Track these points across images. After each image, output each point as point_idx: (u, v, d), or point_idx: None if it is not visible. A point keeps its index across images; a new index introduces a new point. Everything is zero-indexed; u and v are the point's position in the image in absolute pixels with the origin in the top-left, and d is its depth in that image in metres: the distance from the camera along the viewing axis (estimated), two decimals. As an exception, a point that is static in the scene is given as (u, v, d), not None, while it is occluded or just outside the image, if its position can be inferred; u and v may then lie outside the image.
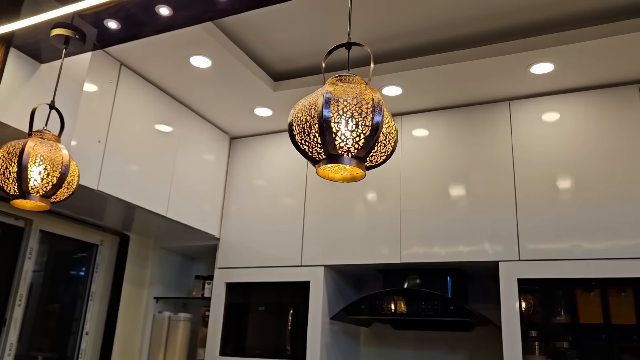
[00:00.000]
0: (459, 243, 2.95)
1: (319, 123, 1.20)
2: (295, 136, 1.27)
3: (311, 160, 1.27)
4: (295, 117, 1.27)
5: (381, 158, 1.29)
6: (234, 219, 3.62)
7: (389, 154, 1.30)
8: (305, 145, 1.25)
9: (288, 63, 3.09)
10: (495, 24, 2.65)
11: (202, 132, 3.53)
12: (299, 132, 1.25)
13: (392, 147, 1.30)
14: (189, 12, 1.75)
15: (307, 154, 1.26)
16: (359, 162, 1.24)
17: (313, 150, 1.24)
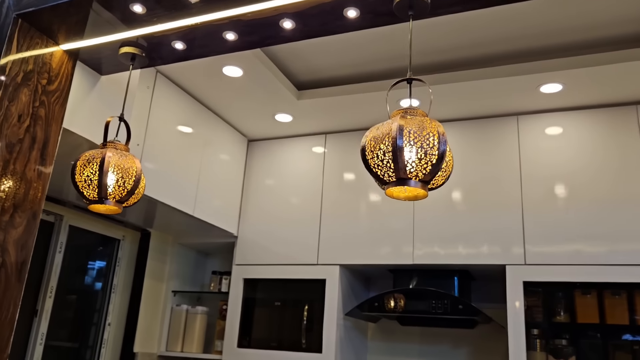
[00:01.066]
0: (468, 247, 3.18)
1: (392, 151, 1.41)
2: (368, 160, 1.47)
3: (381, 181, 1.48)
4: (368, 143, 1.47)
5: (441, 181, 1.50)
6: (252, 218, 3.81)
7: (447, 177, 1.51)
8: (378, 169, 1.45)
9: (313, 74, 3.28)
10: (510, 46, 2.88)
11: (222, 134, 3.70)
12: (372, 157, 1.45)
13: (450, 171, 1.51)
14: (253, 38, 1.93)
15: (378, 176, 1.46)
16: (423, 184, 1.44)
17: (385, 173, 1.44)
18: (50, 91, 2.03)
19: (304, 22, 1.82)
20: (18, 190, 1.88)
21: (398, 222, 3.38)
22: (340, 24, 1.82)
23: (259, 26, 1.86)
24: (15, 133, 1.88)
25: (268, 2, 1.73)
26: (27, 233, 1.90)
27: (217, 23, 1.86)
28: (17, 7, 1.92)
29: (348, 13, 1.75)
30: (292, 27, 1.84)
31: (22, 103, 1.91)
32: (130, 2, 1.80)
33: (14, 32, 1.91)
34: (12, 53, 1.90)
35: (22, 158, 1.90)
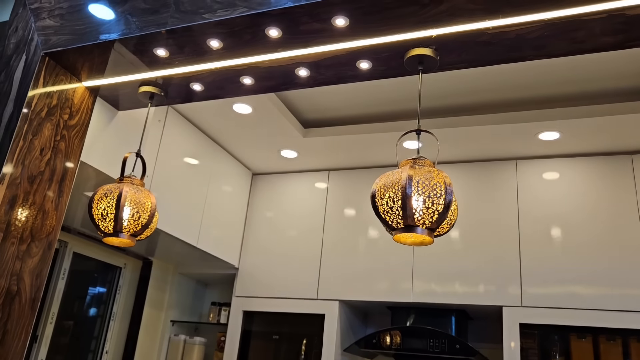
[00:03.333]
0: (466, 286, 3.24)
1: (402, 199, 1.48)
2: (378, 207, 1.54)
3: (389, 227, 1.55)
4: (378, 190, 1.55)
5: (446, 229, 1.57)
6: (253, 251, 3.86)
7: (452, 225, 1.58)
8: (387, 216, 1.53)
9: (319, 112, 3.38)
10: (511, 94, 2.99)
11: (227, 166, 3.78)
12: (381, 205, 1.53)
13: (455, 220, 1.58)
14: (269, 83, 2.03)
15: (387, 222, 1.54)
16: (430, 232, 1.52)
17: (393, 220, 1.52)
18: (71, 125, 2.11)
19: (318, 72, 1.92)
20: (36, 220, 1.94)
21: (397, 260, 3.44)
22: (352, 75, 1.92)
23: (275, 73, 1.96)
24: (37, 166, 1.95)
25: (286, 51, 1.83)
26: (42, 262, 1.95)
27: (235, 68, 1.96)
28: (45, 46, 2.02)
29: (361, 65, 1.85)
30: (306, 75, 1.94)
31: (44, 137, 1.99)
32: (154, 47, 1.90)
33: (41, 70, 2.00)
34: (38, 88, 1.99)
35: (41, 190, 1.97)
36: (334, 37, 1.73)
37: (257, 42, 1.80)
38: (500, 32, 1.62)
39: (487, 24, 1.58)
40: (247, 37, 1.78)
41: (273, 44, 1.80)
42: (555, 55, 1.71)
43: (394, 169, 1.60)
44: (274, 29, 1.72)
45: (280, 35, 1.74)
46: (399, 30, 1.66)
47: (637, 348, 2.90)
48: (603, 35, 1.60)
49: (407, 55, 1.73)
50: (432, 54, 1.70)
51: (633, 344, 2.93)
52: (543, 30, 1.59)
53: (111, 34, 1.90)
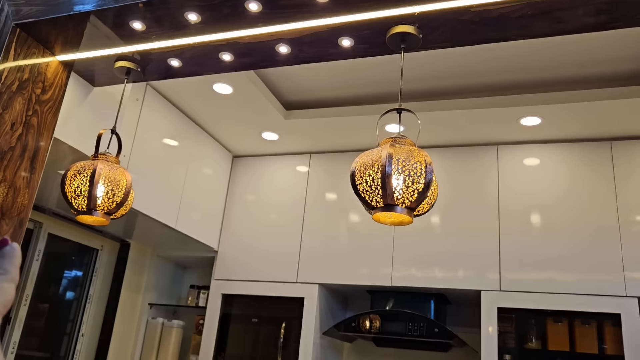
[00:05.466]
0: (445, 271, 3.25)
1: (381, 177, 1.46)
2: (357, 185, 1.52)
3: (369, 206, 1.53)
4: (358, 169, 1.53)
5: (426, 208, 1.56)
6: (233, 234, 3.83)
7: (432, 205, 1.57)
8: (366, 195, 1.50)
9: (301, 94, 3.34)
10: (494, 79, 2.98)
11: (207, 148, 3.73)
12: (361, 183, 1.51)
13: (435, 200, 1.57)
14: (248, 60, 1.98)
15: (366, 201, 1.52)
16: (409, 211, 1.50)
17: (373, 198, 1.50)
18: (43, 100, 2.04)
19: (299, 48, 1.88)
20: (6, 197, 1.88)
21: (377, 244, 3.44)
22: (334, 52, 1.88)
23: (255, 49, 1.91)
24: (8, 141, 1.89)
25: (266, 27, 1.79)
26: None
27: (214, 44, 1.91)
28: (16, 16, 1.94)
29: (343, 42, 1.82)
30: (287, 52, 1.90)
31: (15, 111, 1.93)
32: (130, 19, 1.84)
33: (12, 41, 1.93)
34: (8, 61, 1.92)
35: (12, 166, 1.91)
36: (315, 13, 1.69)
37: (236, 16, 1.75)
38: (483, 10, 1.59)
39: (471, 1, 1.55)
40: (226, 11, 1.73)
41: (253, 19, 1.75)
42: (538, 36, 1.69)
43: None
44: (253, 3, 1.67)
45: (260, 9, 1.70)
46: (381, 6, 1.63)
47: (611, 332, 2.94)
48: (586, 16, 1.59)
49: (390, 33, 1.70)
50: (415, 31, 1.67)
51: (607, 327, 2.97)
52: (526, 10, 1.57)
53: (86, 5, 1.83)
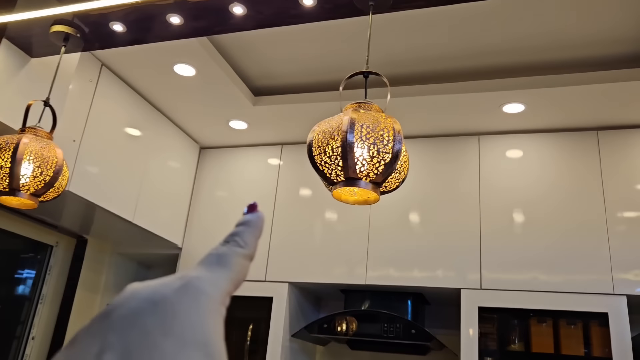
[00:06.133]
0: (424, 268, 3.04)
1: (342, 146, 1.25)
2: (314, 157, 1.30)
3: (328, 181, 1.31)
4: (316, 138, 1.31)
5: (395, 184, 1.34)
6: (199, 230, 3.59)
7: (402, 181, 1.35)
8: (325, 167, 1.29)
9: (271, 79, 3.12)
10: (475, 62, 2.79)
11: (173, 139, 3.49)
12: (319, 154, 1.29)
13: (405, 175, 1.36)
14: (200, 24, 1.76)
15: (325, 175, 1.30)
16: (375, 186, 1.29)
17: (332, 172, 1.28)
18: (-33, 68, 1.80)
19: (255, 9, 1.67)
20: None
21: (352, 241, 3.23)
22: (295, 13, 1.67)
23: (206, 10, 1.69)
24: None
25: (216, -19, 1.57)
26: None
27: (160, 3, 1.68)
28: None
29: (304, 1, 1.60)
30: (243, 13, 1.69)
31: None
32: (61, -28, 1.61)
33: None
34: None
35: None
36: (270, -37, 1.48)
37: (181, -32, 1.53)
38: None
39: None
40: (169, -39, 1.51)
41: (200, -29, 1.54)
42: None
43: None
44: (199, -51, 1.46)
45: (207, -42, 1.48)
46: (346, -46, 1.42)
47: (597, 332, 2.76)
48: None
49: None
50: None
51: (594, 328, 2.78)
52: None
53: (9, -45, 1.60)
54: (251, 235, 0.41)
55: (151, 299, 0.32)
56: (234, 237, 0.40)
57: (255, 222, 0.41)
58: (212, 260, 0.37)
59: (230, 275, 0.37)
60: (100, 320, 0.32)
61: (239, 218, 0.42)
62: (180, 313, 0.31)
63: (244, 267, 0.39)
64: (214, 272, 0.36)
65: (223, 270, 0.37)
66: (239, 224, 0.41)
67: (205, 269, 0.36)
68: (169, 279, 0.35)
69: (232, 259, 0.38)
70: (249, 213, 0.42)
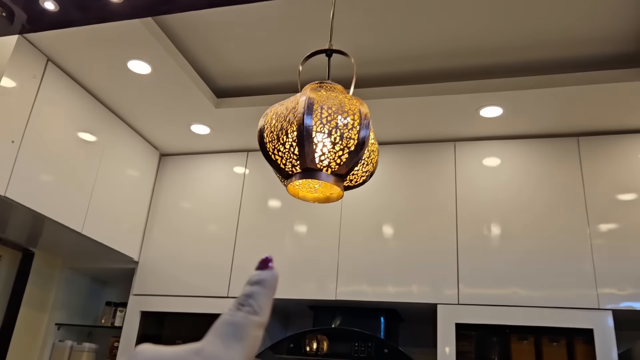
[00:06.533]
0: (398, 283, 2.84)
1: (298, 131, 1.04)
2: (266, 144, 1.10)
3: (283, 173, 1.11)
4: (268, 123, 1.11)
5: (361, 178, 1.14)
6: (157, 242, 3.33)
7: (370, 175, 1.16)
8: (278, 156, 1.08)
9: (235, 79, 2.92)
10: (451, 63, 2.63)
11: (130, 144, 3.25)
12: (271, 140, 1.09)
13: (374, 167, 1.16)
14: (143, 2, 1.55)
15: (278, 165, 1.09)
16: (338, 179, 1.08)
17: (287, 162, 1.08)
18: None
19: (206, -17, 1.47)
20: None
21: (322, 254, 3.01)
22: (251, -11, 1.47)
23: (149, -16, 1.48)
24: None
25: (158, -52, 1.37)
26: None
27: (96, -24, 1.47)
28: None
29: (260, -27, 1.41)
30: (191, -12, 1.48)
31: None
32: None
33: None
34: None
35: None
36: None
37: None
38: None
39: None
40: None
41: None
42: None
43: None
44: None
45: None
46: None
47: (582, 349, 2.58)
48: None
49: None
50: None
51: (578, 345, 2.61)
52: None
53: None
54: (266, 299, 0.39)
55: None
56: (249, 301, 0.38)
57: (270, 283, 0.40)
58: (229, 333, 0.36)
59: (245, 351, 0.35)
60: None
61: (252, 274, 0.40)
62: None
63: (258, 339, 0.37)
64: (229, 348, 0.35)
65: (239, 346, 0.35)
66: (254, 283, 0.39)
67: (221, 343, 0.35)
68: (184, 349, 0.33)
69: (248, 332, 0.36)
70: (262, 268, 0.40)
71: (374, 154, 1.15)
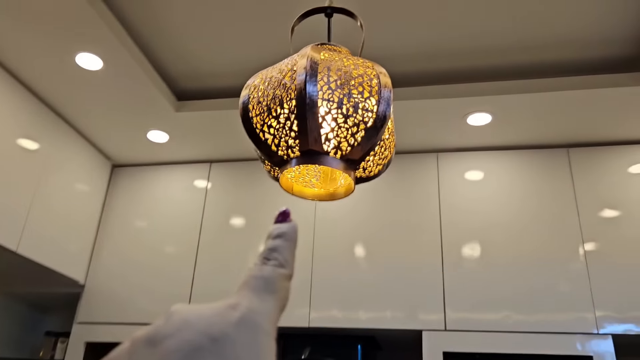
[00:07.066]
0: (378, 307, 2.57)
1: (297, 100, 0.77)
2: (252, 119, 0.82)
3: (274, 159, 0.82)
4: (255, 89, 0.83)
5: (377, 168, 0.87)
6: (107, 264, 2.96)
7: (387, 164, 0.89)
8: (269, 134, 0.80)
9: (199, 81, 2.62)
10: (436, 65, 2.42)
11: (77, 153, 2.89)
12: (259, 114, 0.81)
13: (391, 156, 0.89)
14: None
15: (268, 148, 0.81)
16: (349, 166, 0.81)
17: (281, 141, 0.80)
18: None
19: None
20: None
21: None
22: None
23: None
24: None
25: None
26: None
27: None
28: None
29: None
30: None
31: None
32: None
33: None
34: None
35: None
36: None
37: None
38: None
39: None
40: None
41: None
42: None
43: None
44: None
45: None
46: None
47: (581, 380, 2.36)
48: None
49: None
50: None
51: (577, 374, 2.38)
52: None
53: None
54: (290, 251, 0.38)
55: (209, 335, 0.29)
56: (273, 254, 0.37)
57: (291, 235, 0.39)
58: (260, 286, 0.35)
59: (277, 304, 0.35)
60: (148, 347, 0.28)
61: (271, 227, 0.38)
62: (243, 354, 0.29)
63: (287, 291, 0.37)
64: (264, 301, 0.34)
65: (271, 298, 0.35)
66: (275, 237, 0.38)
67: (255, 296, 0.34)
68: (219, 306, 0.32)
69: (278, 284, 0.36)
70: (281, 221, 0.39)
71: (392, 136, 0.88)
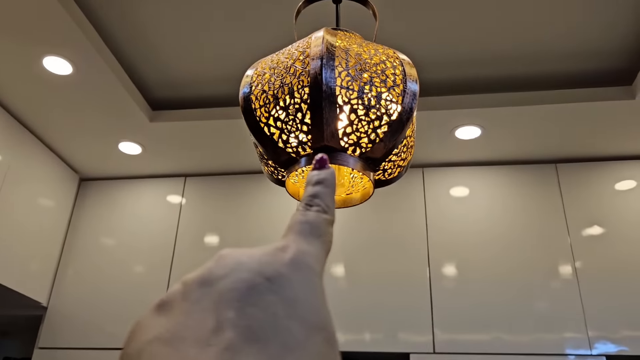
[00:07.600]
0: (361, 329, 2.44)
1: (311, 87, 0.65)
2: (255, 110, 0.69)
3: (280, 158, 0.70)
4: (259, 77, 0.71)
5: (397, 170, 0.76)
6: (72, 285, 2.76)
7: (407, 166, 0.77)
8: (276, 128, 0.68)
9: (175, 90, 2.48)
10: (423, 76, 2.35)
11: (42, 165, 2.70)
12: (265, 104, 0.69)
13: (411, 157, 0.78)
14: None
15: (275, 144, 0.69)
16: (368, 166, 0.69)
17: (290, 137, 0.68)
18: None
19: None
20: None
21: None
22: None
23: None
24: None
25: None
26: None
27: None
28: None
29: None
30: None
31: None
32: None
33: None
34: None
35: None
36: None
37: None
38: None
39: None
40: None
41: None
42: None
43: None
44: None
45: None
46: None
47: (574, 404, 2.27)
48: None
49: None
50: None
51: (570, 398, 2.29)
52: None
53: None
54: (330, 197, 0.37)
55: (263, 274, 0.28)
56: (315, 201, 0.35)
57: (330, 181, 0.37)
58: (306, 230, 0.33)
59: (324, 247, 0.33)
60: (203, 288, 0.28)
61: (310, 173, 0.36)
62: (300, 293, 0.28)
63: (331, 236, 0.35)
64: (312, 245, 0.32)
65: (319, 242, 0.33)
66: (315, 183, 0.36)
67: (303, 240, 0.32)
68: (269, 248, 0.30)
69: (323, 229, 0.34)
70: (320, 168, 0.37)
71: (414, 133, 0.77)
